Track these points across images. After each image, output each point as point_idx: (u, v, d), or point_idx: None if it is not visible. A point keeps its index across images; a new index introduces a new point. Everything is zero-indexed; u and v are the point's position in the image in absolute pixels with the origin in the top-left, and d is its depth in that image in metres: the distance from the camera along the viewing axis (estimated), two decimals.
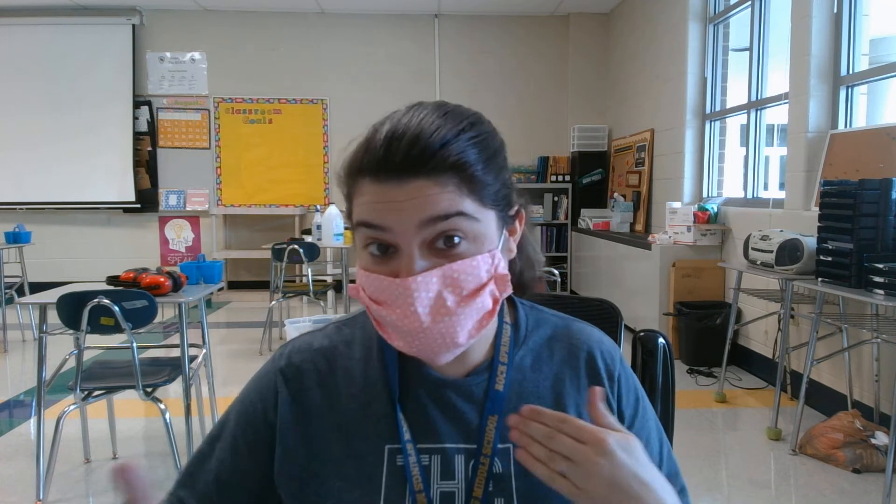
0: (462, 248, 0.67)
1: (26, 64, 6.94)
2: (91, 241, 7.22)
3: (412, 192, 0.65)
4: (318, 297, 4.72)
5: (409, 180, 0.65)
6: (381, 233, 0.67)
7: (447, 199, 0.66)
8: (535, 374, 0.78)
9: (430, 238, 0.67)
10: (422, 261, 0.66)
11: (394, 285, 0.66)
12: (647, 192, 5.87)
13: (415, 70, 7.22)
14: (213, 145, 7.20)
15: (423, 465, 0.73)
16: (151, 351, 3.47)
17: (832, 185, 2.87)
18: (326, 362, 0.79)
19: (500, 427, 0.74)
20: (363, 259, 0.70)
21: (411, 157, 0.65)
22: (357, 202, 0.69)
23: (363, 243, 0.69)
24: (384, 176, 0.66)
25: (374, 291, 0.68)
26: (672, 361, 1.03)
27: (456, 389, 0.76)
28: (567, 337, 0.81)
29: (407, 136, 0.66)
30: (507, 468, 0.73)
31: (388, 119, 0.70)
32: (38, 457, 2.49)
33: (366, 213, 0.68)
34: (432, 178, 0.65)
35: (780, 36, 4.14)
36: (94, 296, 2.31)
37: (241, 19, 7.10)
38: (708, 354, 4.16)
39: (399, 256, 0.67)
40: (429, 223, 0.66)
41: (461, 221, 0.67)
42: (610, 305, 1.02)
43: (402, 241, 0.66)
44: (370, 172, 0.67)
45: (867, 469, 2.71)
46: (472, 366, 0.77)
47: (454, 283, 0.67)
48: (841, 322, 3.11)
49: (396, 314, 0.67)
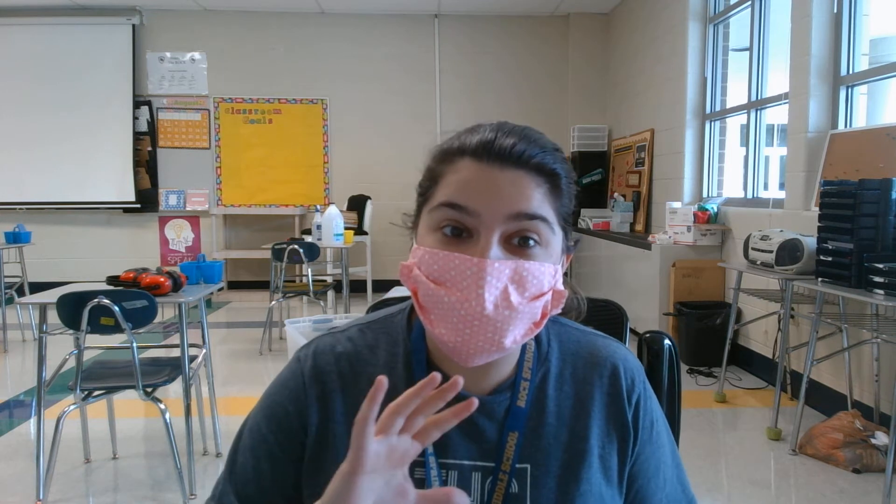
0: (535, 252, 0.69)
1: (26, 64, 6.95)
2: (91, 241, 7.22)
3: (512, 180, 0.68)
4: (318, 297, 4.72)
5: (511, 169, 0.68)
6: (465, 216, 0.68)
7: (538, 199, 0.69)
8: (556, 391, 0.78)
9: (510, 232, 0.68)
10: (498, 251, 0.67)
11: (468, 264, 0.66)
12: (647, 192, 5.87)
13: (415, 70, 7.22)
14: (213, 145, 7.20)
15: (442, 480, 0.73)
16: (151, 351, 3.47)
17: (832, 185, 2.87)
18: (350, 367, 0.78)
19: (521, 444, 0.74)
20: (429, 239, 0.70)
21: (517, 149, 0.68)
22: (446, 181, 0.70)
23: (438, 224, 0.70)
24: (488, 159, 0.68)
25: (439, 270, 0.68)
26: (678, 363, 1.03)
27: (479, 408, 0.75)
28: (590, 352, 0.81)
29: (515, 131, 0.70)
30: (522, 489, 0.73)
31: (493, 122, 0.73)
32: (38, 457, 2.49)
33: (455, 194, 0.68)
34: (531, 175, 0.69)
35: (780, 36, 4.14)
36: (94, 296, 2.31)
37: (241, 19, 7.10)
38: (708, 354, 4.16)
39: (473, 242, 0.68)
40: (516, 218, 0.67)
41: (542, 226, 0.69)
42: (616, 306, 1.02)
43: (485, 227, 0.67)
44: (474, 153, 0.69)
45: (867, 469, 2.71)
46: (496, 383, 0.76)
47: (521, 281, 0.67)
48: (841, 322, 3.11)
49: (457, 296, 0.66)
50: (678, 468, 0.82)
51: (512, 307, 0.67)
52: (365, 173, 7.17)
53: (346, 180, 7.19)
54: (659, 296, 4.52)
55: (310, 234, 5.15)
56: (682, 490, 0.82)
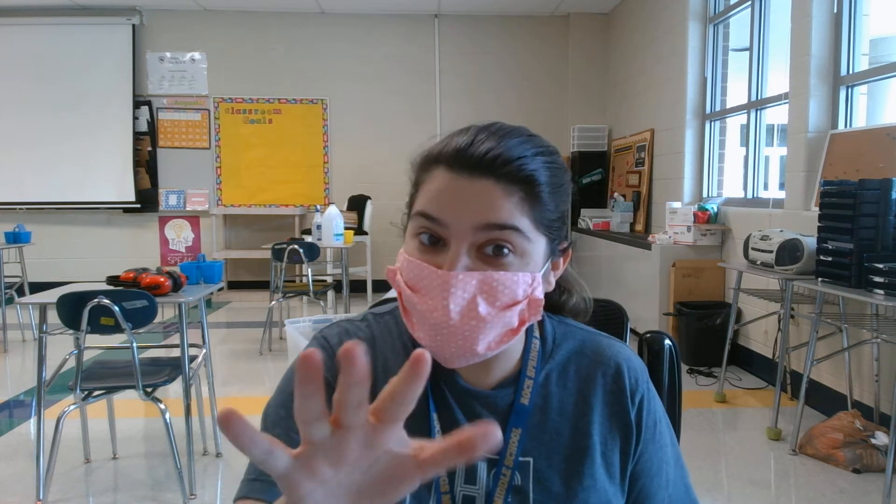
0: (508, 261, 0.69)
1: (26, 64, 6.94)
2: (91, 241, 7.22)
3: (480, 190, 0.68)
4: (318, 297, 4.72)
5: (480, 178, 0.68)
6: (437, 226, 0.69)
7: (508, 209, 0.68)
8: (560, 388, 0.79)
9: (481, 242, 0.68)
10: (467, 261, 0.68)
11: (434, 275, 0.68)
12: (647, 192, 5.87)
13: (415, 70, 7.22)
14: (213, 145, 7.20)
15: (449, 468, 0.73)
16: (151, 351, 3.47)
17: (832, 185, 2.87)
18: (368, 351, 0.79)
19: (523, 440, 0.75)
20: (410, 245, 0.72)
21: (488, 157, 0.68)
22: (424, 190, 0.71)
23: (416, 231, 0.71)
24: (458, 168, 0.69)
25: (413, 278, 0.70)
26: (679, 363, 1.03)
27: (481, 401, 0.77)
28: (594, 352, 0.81)
29: (497, 134, 0.70)
30: (525, 482, 0.74)
31: (482, 123, 0.73)
32: (38, 457, 2.49)
33: (427, 204, 0.70)
34: (502, 183, 0.68)
35: (780, 36, 4.14)
36: (94, 296, 2.31)
37: (241, 19, 7.09)
38: (708, 354, 4.16)
39: (446, 251, 0.69)
40: (485, 228, 0.68)
41: (514, 235, 0.69)
42: (616, 306, 1.02)
43: (454, 238, 0.68)
44: (447, 162, 0.70)
45: (867, 469, 2.71)
46: (499, 378, 0.77)
47: (490, 291, 0.68)
48: (841, 322, 3.11)
49: (427, 305, 0.68)
50: (681, 469, 0.83)
51: (479, 318, 0.67)
52: (365, 173, 7.17)
53: (346, 180, 7.18)
54: (659, 296, 4.52)
55: (310, 234, 5.15)
56: (685, 491, 0.82)
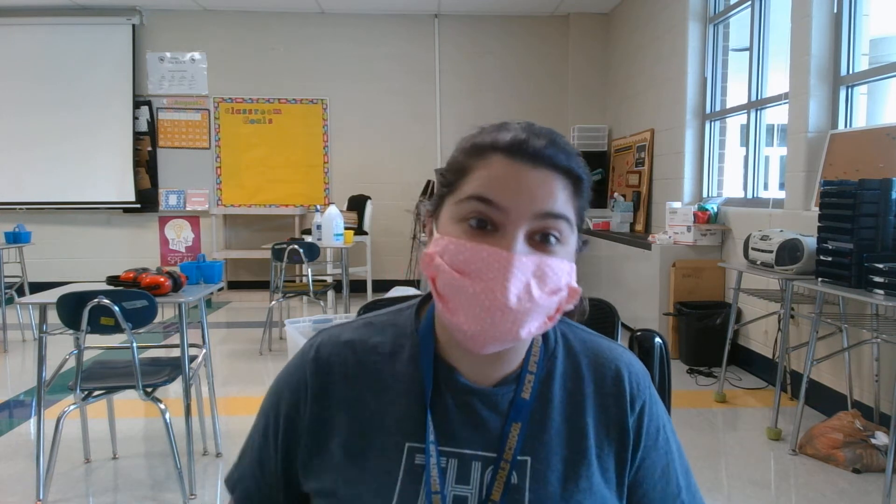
0: (555, 248, 0.72)
1: (26, 64, 6.95)
2: (91, 241, 7.22)
3: (541, 179, 0.70)
4: (318, 297, 4.72)
5: (542, 168, 0.71)
6: (493, 210, 0.70)
7: (562, 200, 0.72)
8: (560, 388, 0.79)
9: (534, 229, 0.70)
10: (522, 246, 0.69)
11: (496, 255, 0.68)
12: (647, 192, 5.87)
13: (415, 70, 7.22)
14: (213, 145, 7.20)
15: (441, 468, 0.74)
16: (151, 351, 3.47)
17: (832, 185, 2.87)
18: (353, 355, 0.80)
19: (523, 435, 0.75)
20: (454, 230, 0.72)
21: (548, 150, 0.71)
22: (476, 175, 0.72)
23: (464, 215, 0.71)
24: (520, 157, 0.71)
25: (463, 260, 0.69)
26: (668, 360, 1.03)
27: (482, 398, 0.76)
28: (595, 354, 0.82)
29: (544, 133, 0.73)
30: (522, 481, 0.74)
31: (520, 121, 0.75)
32: (38, 457, 2.49)
33: (484, 188, 0.70)
34: (560, 176, 0.72)
35: (780, 36, 4.14)
36: (94, 296, 2.31)
37: (241, 19, 7.10)
38: (708, 354, 4.16)
39: (498, 236, 0.70)
40: (542, 216, 0.70)
41: (564, 225, 0.72)
42: (607, 305, 1.02)
43: (511, 222, 0.69)
44: (506, 150, 0.71)
45: (867, 469, 2.71)
46: (502, 376, 0.77)
47: (542, 276, 0.70)
48: (841, 322, 3.11)
49: (481, 287, 0.68)
50: (687, 476, 0.82)
51: (533, 300, 0.69)
52: (365, 173, 7.17)
53: (346, 180, 7.19)
54: (659, 296, 4.52)
55: (310, 234, 5.15)
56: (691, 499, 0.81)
